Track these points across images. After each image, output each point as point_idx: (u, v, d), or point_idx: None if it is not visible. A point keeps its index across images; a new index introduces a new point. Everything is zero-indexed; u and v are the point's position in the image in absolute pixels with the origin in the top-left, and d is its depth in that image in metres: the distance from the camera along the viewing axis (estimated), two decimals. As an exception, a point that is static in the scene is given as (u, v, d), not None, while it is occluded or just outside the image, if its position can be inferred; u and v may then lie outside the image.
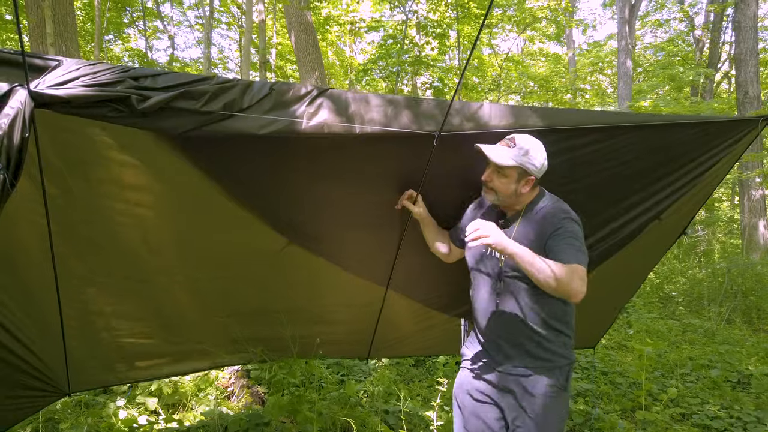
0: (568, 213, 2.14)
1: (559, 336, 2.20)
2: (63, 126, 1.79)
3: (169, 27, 20.44)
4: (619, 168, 2.45)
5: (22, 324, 2.32)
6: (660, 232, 2.79)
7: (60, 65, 1.77)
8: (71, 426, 3.00)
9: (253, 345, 2.85)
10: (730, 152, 2.53)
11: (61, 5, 6.65)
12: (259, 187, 2.23)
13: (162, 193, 2.18)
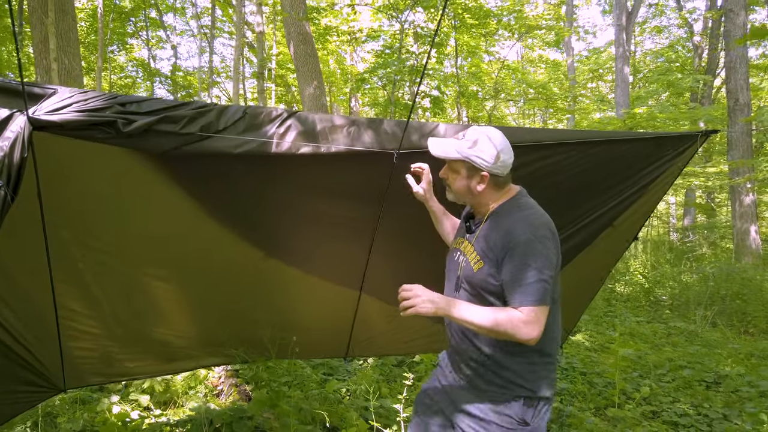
0: (531, 228, 1.89)
1: (515, 360, 1.94)
2: (57, 147, 2.01)
3: (172, 37, 20.81)
4: (568, 181, 2.67)
5: (20, 325, 2.55)
6: (614, 237, 3.00)
7: (55, 93, 2.00)
8: (68, 420, 3.24)
9: (234, 346, 3.08)
10: (672, 164, 2.75)
11: (64, 21, 6.93)
12: (236, 203, 2.45)
13: (147, 210, 2.41)
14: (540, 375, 1.95)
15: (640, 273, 10.53)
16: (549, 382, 1.98)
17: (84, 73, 9.80)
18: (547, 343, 1.94)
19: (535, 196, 2.62)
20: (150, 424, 3.34)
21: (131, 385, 3.75)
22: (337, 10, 18.20)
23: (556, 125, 28.25)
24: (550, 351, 1.99)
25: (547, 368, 1.98)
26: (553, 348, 2.01)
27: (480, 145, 1.94)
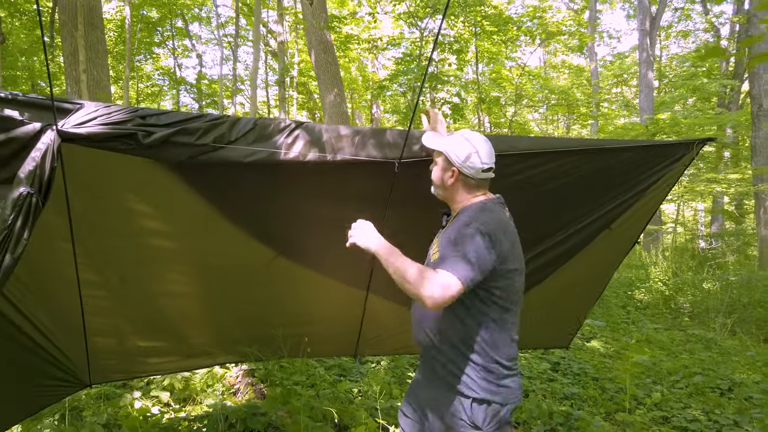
0: (479, 223, 1.98)
1: (465, 361, 2.03)
2: (83, 157, 2.18)
3: (197, 45, 21.28)
4: (564, 187, 2.76)
5: (50, 322, 2.73)
6: (611, 239, 3.08)
7: (82, 107, 2.17)
8: (93, 414, 3.43)
9: (249, 345, 3.23)
10: (668, 171, 2.82)
11: (93, 34, 7.23)
12: (249, 208, 2.60)
13: (168, 214, 2.58)
14: (488, 379, 2.01)
15: (660, 280, 10.45)
16: (499, 388, 2.02)
17: (112, 82, 10.14)
18: (495, 350, 2.02)
19: (531, 200, 2.73)
20: (169, 419, 3.52)
21: (152, 382, 3.93)
22: (358, 18, 18.47)
23: (580, 131, 28.11)
24: (499, 358, 2.03)
25: (496, 374, 2.02)
26: (503, 356, 2.04)
27: (458, 144, 2.11)
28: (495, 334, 2.03)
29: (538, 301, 3.29)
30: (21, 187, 2.01)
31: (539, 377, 5.27)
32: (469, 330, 2.03)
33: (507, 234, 2.04)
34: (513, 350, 2.11)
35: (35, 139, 2.05)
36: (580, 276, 3.26)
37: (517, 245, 2.11)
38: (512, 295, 2.07)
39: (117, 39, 17.51)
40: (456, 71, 17.89)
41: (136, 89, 19.73)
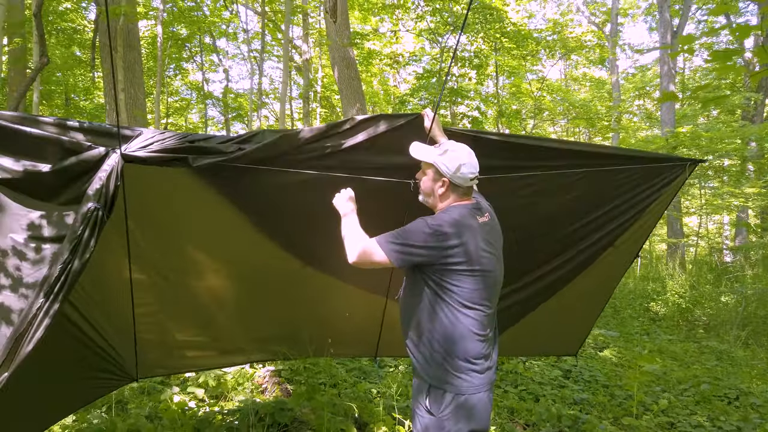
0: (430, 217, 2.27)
1: (423, 350, 2.27)
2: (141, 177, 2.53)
3: (224, 60, 21.90)
4: (568, 204, 3.05)
5: (104, 321, 3.09)
6: (615, 255, 3.34)
7: (141, 134, 2.53)
8: (136, 406, 3.78)
9: (278, 344, 3.56)
10: (664, 192, 3.08)
11: (131, 55, 7.71)
12: (280, 222, 2.92)
13: (209, 226, 2.92)
14: (443, 370, 2.20)
15: (677, 293, 10.56)
16: (456, 379, 2.19)
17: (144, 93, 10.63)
18: (450, 344, 2.20)
19: (535, 221, 3.00)
20: (204, 412, 3.85)
21: (189, 380, 4.28)
22: (381, 34, 18.91)
23: (603, 143, 28.13)
24: (455, 352, 2.20)
25: (453, 366, 2.20)
26: (459, 351, 2.20)
27: (448, 154, 2.30)
28: (449, 329, 2.20)
29: (547, 313, 3.56)
30: (89, 202, 2.36)
31: (550, 383, 5.50)
32: (423, 323, 2.27)
33: (466, 235, 2.21)
34: (475, 347, 2.22)
35: (101, 162, 2.41)
36: (587, 290, 3.52)
37: (487, 249, 2.26)
38: (475, 294, 2.22)
39: (148, 55, 18.16)
40: (476, 85, 18.20)
41: (166, 103, 20.40)
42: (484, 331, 2.27)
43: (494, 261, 2.32)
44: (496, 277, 2.34)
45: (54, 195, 2.43)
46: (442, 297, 2.24)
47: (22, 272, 2.39)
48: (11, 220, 2.40)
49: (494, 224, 2.44)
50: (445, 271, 2.22)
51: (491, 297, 2.31)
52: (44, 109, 16.70)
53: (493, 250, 2.33)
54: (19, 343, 2.26)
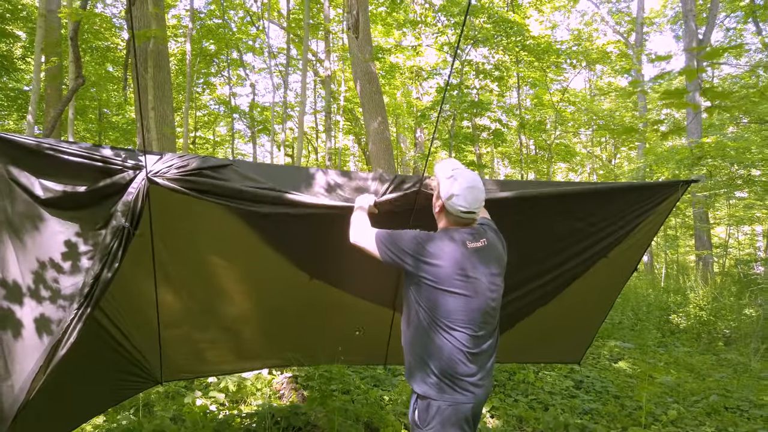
0: (422, 231, 2.46)
1: (416, 359, 2.41)
2: (163, 196, 2.78)
3: (251, 75, 22.45)
4: (560, 224, 3.22)
5: (132, 328, 3.35)
6: (609, 267, 3.48)
7: (162, 157, 2.79)
8: (162, 409, 4.03)
9: (292, 351, 3.78)
10: (657, 209, 3.22)
11: (160, 75, 8.08)
12: (285, 235, 3.14)
13: (226, 241, 3.16)
14: (430, 382, 2.33)
15: (698, 305, 10.50)
16: (438, 392, 2.31)
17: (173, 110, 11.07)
18: (432, 359, 2.34)
19: (534, 237, 3.17)
20: (225, 415, 4.09)
21: (211, 385, 4.53)
22: (403, 47, 19.21)
23: (629, 153, 27.94)
24: (441, 368, 2.32)
25: (437, 380, 2.32)
26: (444, 367, 2.32)
27: (449, 181, 2.43)
28: (432, 345, 2.35)
29: (547, 319, 3.72)
30: (119, 220, 2.63)
31: (561, 393, 5.61)
32: (411, 336, 2.45)
33: (445, 260, 2.34)
34: (459, 365, 2.32)
35: (129, 183, 2.67)
36: (585, 298, 3.67)
37: (471, 275, 2.34)
38: (455, 315, 2.32)
39: (177, 72, 18.74)
40: (498, 96, 18.35)
41: (194, 117, 20.98)
42: (469, 351, 2.34)
43: (480, 286, 2.37)
44: (483, 302, 2.38)
45: (88, 213, 2.70)
46: (427, 313, 2.36)
47: (60, 284, 2.66)
48: (50, 236, 2.68)
49: (491, 249, 2.47)
50: (424, 286, 2.36)
51: (476, 320, 2.35)
52: (79, 124, 17.36)
53: (483, 275, 2.38)
54: (56, 349, 2.53)
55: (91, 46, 16.56)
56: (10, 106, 17.07)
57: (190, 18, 13.58)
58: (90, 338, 2.96)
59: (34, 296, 2.71)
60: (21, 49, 17.09)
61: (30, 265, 2.66)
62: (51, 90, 11.98)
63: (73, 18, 7.94)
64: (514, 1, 20.09)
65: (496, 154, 25.72)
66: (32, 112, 8.51)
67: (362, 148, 23.62)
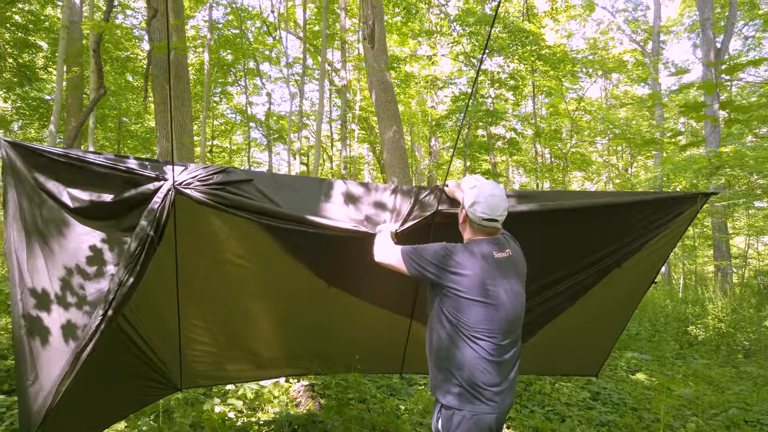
0: (448, 243, 2.52)
1: (441, 369, 2.46)
2: (187, 206, 2.84)
3: (267, 84, 22.67)
4: (581, 235, 3.22)
5: (154, 336, 3.41)
6: (622, 276, 3.45)
7: (186, 168, 2.85)
8: (181, 415, 4.08)
9: (309, 360, 3.82)
10: (675, 221, 3.21)
11: (180, 85, 8.22)
12: (304, 244, 3.18)
13: (247, 250, 3.21)
14: (454, 392, 2.38)
15: (716, 316, 10.38)
16: (462, 402, 2.36)
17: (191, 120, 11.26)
18: (457, 369, 2.38)
19: (551, 248, 3.18)
20: (242, 422, 4.13)
21: (229, 392, 4.57)
22: (419, 56, 19.30)
23: (646, 161, 27.72)
24: (465, 378, 2.36)
25: (462, 390, 2.37)
26: (468, 377, 2.36)
27: (472, 191, 2.53)
28: (457, 355, 2.39)
29: (563, 331, 3.72)
30: (144, 229, 2.69)
31: (577, 404, 5.58)
32: (436, 345, 2.49)
33: (474, 269, 2.40)
34: (483, 375, 2.36)
35: (155, 193, 2.73)
36: (602, 310, 3.66)
37: (497, 284, 2.40)
38: (481, 324, 2.37)
39: (195, 81, 19.00)
40: (513, 104, 18.33)
41: (212, 126, 21.22)
42: (494, 360, 2.38)
43: (505, 295, 2.42)
44: (508, 311, 2.42)
45: (114, 222, 2.78)
46: (452, 323, 2.41)
47: (85, 291, 2.73)
48: (78, 243, 2.75)
49: (514, 260, 2.54)
50: (449, 296, 2.41)
51: (501, 329, 2.40)
52: (99, 132, 17.66)
53: (507, 284, 2.44)
54: (81, 354, 2.59)
55: (112, 57, 16.87)
56: (31, 115, 17.42)
57: (209, 28, 13.79)
58: (113, 344, 3.03)
59: (61, 303, 2.78)
60: (43, 59, 17.45)
61: (58, 272, 2.74)
62: (72, 99, 12.21)
63: (95, 30, 8.12)
64: (529, 11, 20.14)
65: (512, 163, 25.66)
66: (54, 122, 8.69)
67: (377, 157, 23.72)
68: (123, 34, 17.12)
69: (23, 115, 17.56)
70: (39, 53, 17.15)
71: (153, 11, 8.32)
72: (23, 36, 15.57)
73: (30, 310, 2.71)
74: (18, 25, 15.44)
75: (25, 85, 16.36)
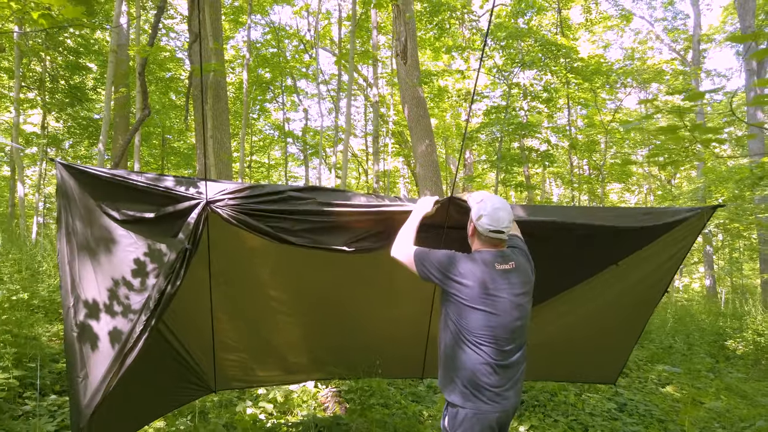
0: (457, 252, 2.69)
1: (447, 369, 2.62)
2: (221, 223, 3.11)
3: (304, 100, 23.26)
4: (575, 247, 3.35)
5: (190, 340, 3.70)
6: (617, 275, 3.53)
7: (218, 183, 3.12)
8: (216, 416, 4.36)
9: (334, 365, 4.05)
10: (678, 227, 3.30)
11: (219, 105, 8.64)
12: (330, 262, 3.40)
13: (275, 263, 3.46)
14: (458, 391, 2.54)
15: (756, 330, 10.16)
16: (465, 401, 2.51)
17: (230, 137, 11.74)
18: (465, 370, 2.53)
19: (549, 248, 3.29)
20: (273, 424, 4.38)
21: (260, 396, 4.83)
22: (452, 70, 19.52)
23: (689, 172, 27.13)
24: (469, 379, 2.52)
25: (465, 389, 2.53)
26: (472, 378, 2.52)
27: (479, 205, 2.71)
28: (458, 357, 2.57)
29: (575, 337, 3.85)
30: (182, 243, 2.96)
31: (602, 415, 5.63)
32: (444, 347, 2.67)
33: (475, 279, 2.56)
34: (486, 377, 2.51)
35: (192, 209, 3.00)
36: (609, 315, 3.77)
37: (498, 294, 2.54)
38: (482, 331, 2.53)
39: (234, 98, 19.67)
40: (547, 116, 18.33)
41: (250, 142, 21.87)
42: (497, 363, 2.53)
43: (505, 304, 2.56)
44: (508, 319, 2.56)
45: (155, 236, 3.05)
46: (455, 326, 2.59)
47: (130, 300, 3.01)
48: (123, 255, 3.04)
49: (518, 271, 2.66)
50: (453, 302, 2.60)
51: (501, 336, 2.54)
52: (144, 149, 18.47)
53: (508, 294, 2.58)
54: (126, 357, 2.86)
55: (156, 77, 17.67)
56: (81, 133, 18.35)
57: (247, 49, 14.33)
58: (154, 348, 3.31)
59: (109, 311, 3.06)
60: (92, 80, 18.39)
61: (106, 283, 3.03)
62: (119, 119, 12.88)
63: (141, 54, 8.64)
64: (563, 23, 20.14)
65: (548, 175, 25.51)
66: (102, 140, 9.23)
67: (411, 170, 23.94)
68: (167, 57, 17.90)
69: (74, 134, 18.51)
70: (89, 75, 18.10)
71: (194, 36, 8.79)
72: (74, 59, 16.50)
73: (81, 317, 3.00)
74: (70, 48, 16.38)
75: (76, 105, 17.29)
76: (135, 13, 14.66)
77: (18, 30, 12.26)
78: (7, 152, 18.65)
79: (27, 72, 15.77)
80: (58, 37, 15.67)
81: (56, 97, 16.74)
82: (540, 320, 3.53)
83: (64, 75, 16.94)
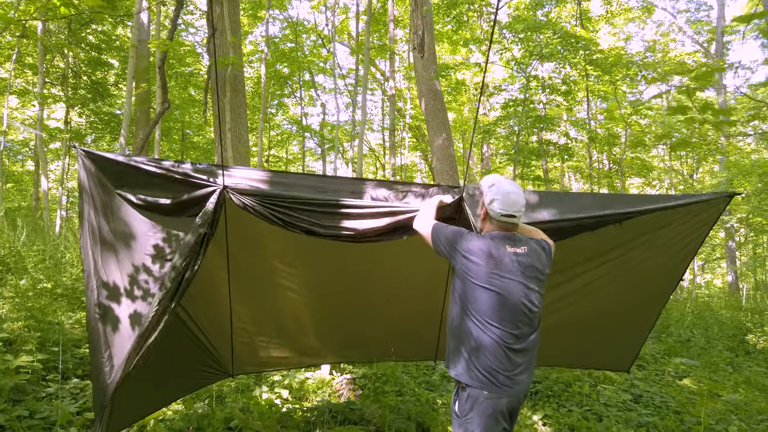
0: (466, 229, 2.75)
1: (455, 346, 2.65)
2: (238, 209, 3.18)
3: (322, 95, 23.35)
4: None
5: (208, 325, 3.78)
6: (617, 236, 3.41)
7: (234, 170, 3.19)
8: (233, 400, 4.45)
9: (348, 348, 4.12)
10: (688, 205, 3.26)
11: (237, 98, 8.73)
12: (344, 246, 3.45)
13: (289, 249, 3.53)
14: (460, 366, 2.58)
15: (777, 324, 10.02)
16: (475, 382, 2.52)
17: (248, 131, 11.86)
18: (474, 351, 2.54)
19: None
20: (288, 408, 4.46)
21: (276, 382, 4.92)
22: (469, 64, 19.46)
23: (712, 167, 26.73)
24: (479, 360, 2.53)
25: (475, 371, 2.53)
26: (482, 360, 2.52)
27: (490, 189, 2.71)
28: (464, 334, 2.60)
29: (586, 324, 3.85)
30: (201, 227, 3.03)
31: (617, 406, 5.62)
32: (450, 322, 2.72)
33: (484, 258, 2.57)
34: (496, 360, 2.52)
35: (210, 195, 3.07)
36: (619, 300, 3.77)
37: (507, 275, 2.55)
38: (491, 312, 2.53)
39: (252, 93, 19.83)
40: (566, 109, 18.18)
41: (268, 136, 22.04)
42: (508, 346, 2.53)
43: (513, 287, 2.56)
44: (515, 302, 2.55)
45: (174, 221, 3.13)
46: (462, 303, 2.61)
47: (149, 285, 3.09)
48: (143, 241, 3.12)
49: (530, 257, 2.64)
50: (460, 278, 2.63)
51: (509, 318, 2.54)
52: (164, 143, 18.71)
53: (516, 277, 2.57)
54: (146, 339, 2.95)
55: (176, 72, 17.88)
56: (103, 128, 18.65)
57: (266, 43, 14.43)
58: (172, 331, 3.40)
59: (129, 296, 3.15)
60: (114, 76, 18.68)
61: (127, 269, 3.11)
62: (140, 113, 13.06)
63: (161, 48, 8.77)
64: (583, 15, 19.94)
65: (567, 169, 25.31)
66: (124, 134, 9.40)
67: (428, 164, 23.94)
68: (186, 52, 18.10)
69: (96, 128, 18.83)
70: (110, 71, 18.38)
71: (212, 30, 8.88)
72: (96, 55, 16.77)
73: (103, 299, 3.09)
74: (92, 44, 16.65)
75: (98, 100, 17.58)
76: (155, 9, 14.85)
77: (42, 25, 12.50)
78: (32, 147, 19.04)
79: (50, 68, 16.06)
80: (80, 33, 15.95)
81: (79, 93, 17.03)
82: (552, 305, 3.54)
83: (86, 71, 17.23)
